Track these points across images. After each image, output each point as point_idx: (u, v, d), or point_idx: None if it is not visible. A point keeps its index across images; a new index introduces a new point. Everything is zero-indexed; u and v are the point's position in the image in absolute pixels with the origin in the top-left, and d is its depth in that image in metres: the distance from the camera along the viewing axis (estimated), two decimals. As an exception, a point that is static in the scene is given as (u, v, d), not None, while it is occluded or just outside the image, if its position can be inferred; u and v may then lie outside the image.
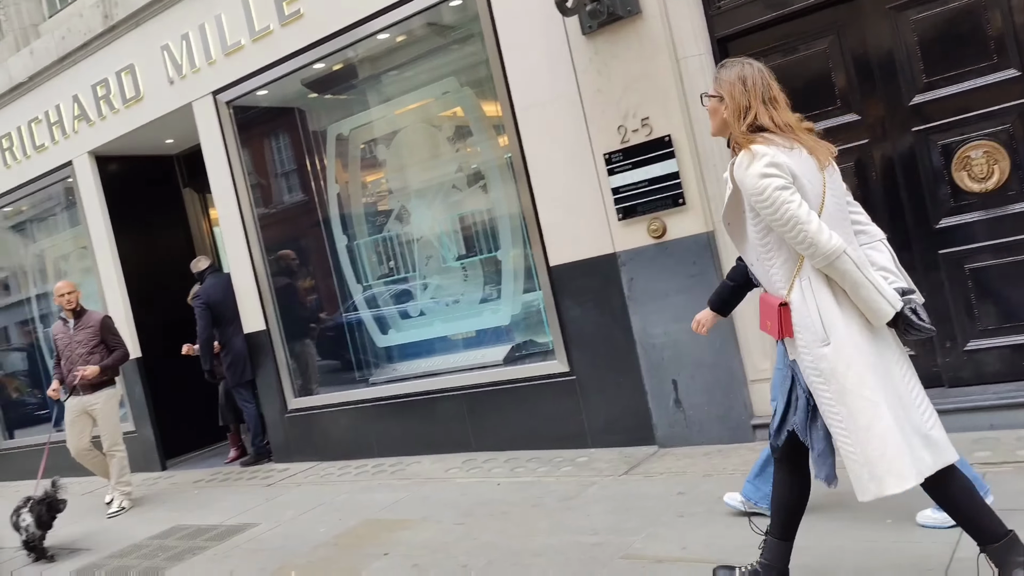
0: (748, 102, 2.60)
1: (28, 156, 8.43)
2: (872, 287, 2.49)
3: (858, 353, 2.51)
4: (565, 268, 5.34)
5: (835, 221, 2.56)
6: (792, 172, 2.51)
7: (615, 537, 3.80)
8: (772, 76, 2.66)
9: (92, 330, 6.46)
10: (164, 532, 5.61)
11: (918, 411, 2.55)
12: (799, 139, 2.59)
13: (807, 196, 2.52)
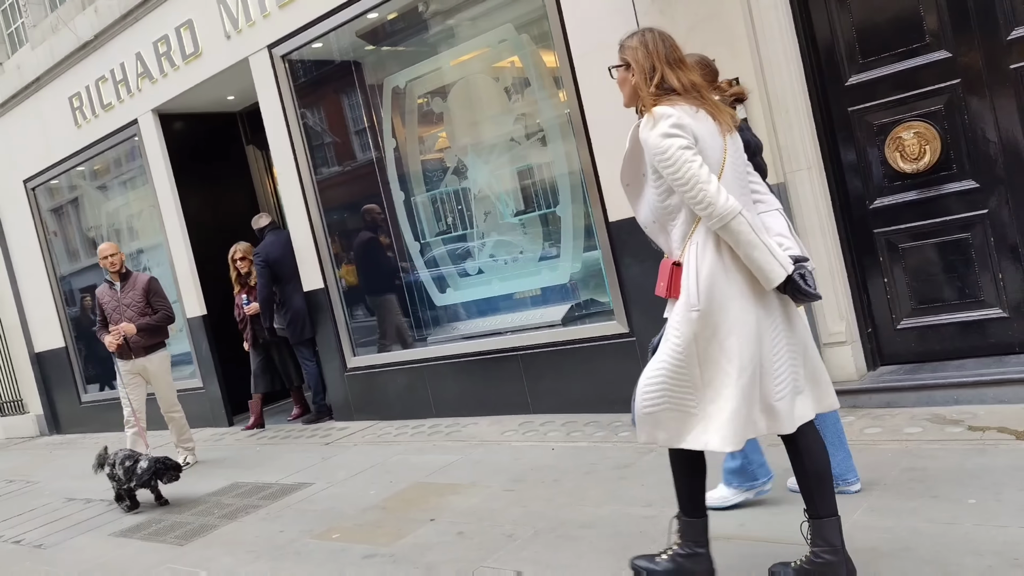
0: (652, 64, 2.62)
1: (96, 115, 8.52)
2: (766, 249, 2.51)
3: (728, 322, 2.55)
4: (624, 224, 5.05)
5: (733, 186, 2.58)
6: (695, 134, 2.53)
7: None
8: (672, 41, 2.67)
9: (140, 292, 6.35)
10: (222, 489, 5.63)
11: (774, 381, 2.59)
12: (704, 103, 2.61)
13: (708, 159, 2.53)
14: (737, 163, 2.65)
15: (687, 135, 2.51)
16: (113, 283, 6.41)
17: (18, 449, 10.26)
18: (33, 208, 9.96)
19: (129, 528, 5.14)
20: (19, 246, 10.30)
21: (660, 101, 2.57)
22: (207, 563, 4.18)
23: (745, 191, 2.66)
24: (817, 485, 2.65)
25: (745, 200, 2.61)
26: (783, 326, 2.64)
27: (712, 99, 2.67)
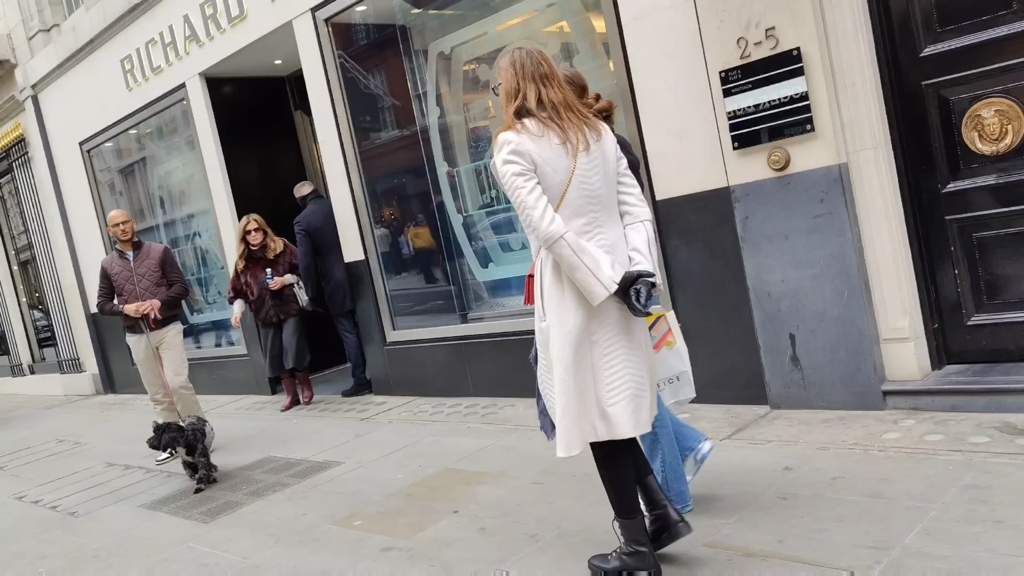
0: (517, 83, 2.76)
1: (147, 78, 8.48)
2: (586, 270, 2.64)
3: (563, 332, 2.73)
4: (672, 203, 4.75)
5: (580, 206, 2.72)
6: (535, 159, 2.67)
7: (703, 517, 3.31)
8: (544, 54, 2.80)
9: (155, 263, 6.05)
10: (254, 463, 5.58)
11: (606, 388, 2.77)
12: (560, 123, 2.72)
13: (549, 181, 2.68)
14: (589, 180, 2.74)
15: (524, 161, 2.67)
16: (124, 253, 6.08)
17: (74, 407, 10.49)
18: (88, 170, 10.04)
19: (159, 500, 5.12)
20: (75, 207, 10.43)
21: (514, 125, 2.73)
22: (227, 544, 4.09)
23: (598, 207, 2.77)
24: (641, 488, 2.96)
25: (598, 215, 2.76)
26: (620, 337, 2.79)
27: (571, 116, 2.76)
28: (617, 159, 2.85)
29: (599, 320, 2.75)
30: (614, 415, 2.77)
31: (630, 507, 2.91)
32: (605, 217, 2.78)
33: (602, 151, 2.79)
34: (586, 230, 2.73)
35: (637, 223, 2.85)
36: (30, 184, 11.31)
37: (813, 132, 4.09)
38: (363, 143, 6.77)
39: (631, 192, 2.88)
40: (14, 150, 11.42)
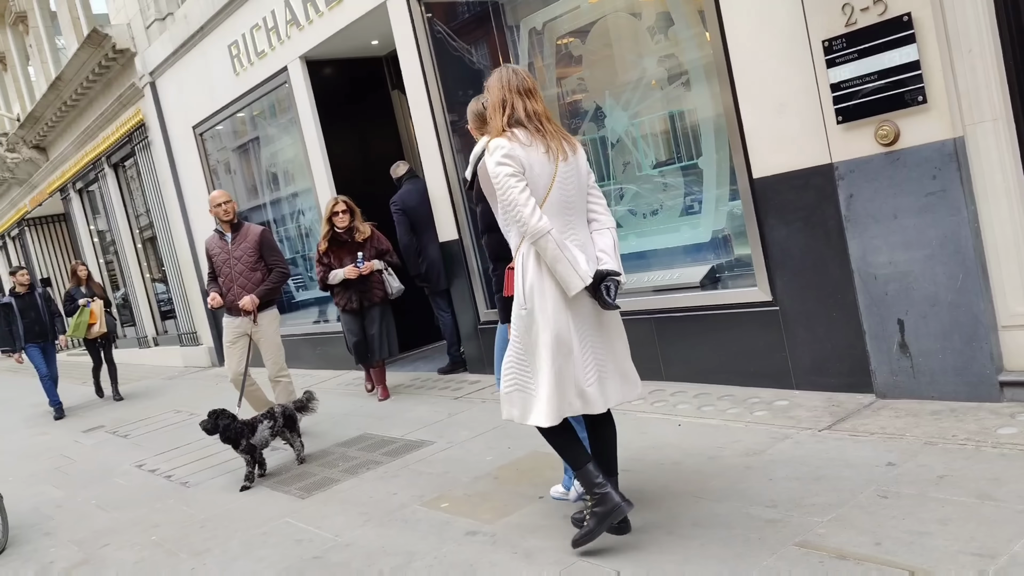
0: (504, 96, 3.10)
1: (252, 63, 8.72)
2: (568, 264, 2.99)
3: (545, 320, 3.07)
4: (769, 181, 4.53)
5: (557, 208, 3.07)
6: (523, 164, 3.01)
7: (795, 514, 3.17)
8: (527, 72, 3.18)
9: (252, 245, 5.86)
10: (351, 440, 5.71)
11: (583, 371, 3.13)
12: (543, 133, 3.07)
13: (534, 185, 3.02)
14: (567, 186, 3.09)
15: (515, 164, 3.00)
16: (224, 234, 5.95)
17: (192, 378, 11.03)
18: (201, 152, 10.46)
19: (277, 470, 5.30)
20: (190, 188, 10.90)
21: (505, 133, 3.06)
22: (320, 520, 4.20)
23: (572, 213, 3.12)
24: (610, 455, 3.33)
25: (570, 220, 3.10)
26: (592, 327, 3.17)
27: (551, 128, 3.12)
28: (587, 173, 3.22)
29: (575, 311, 3.11)
30: (590, 394, 3.16)
31: (580, 457, 3.25)
32: (577, 221, 3.16)
33: (576, 163, 3.16)
34: (561, 230, 3.06)
35: (604, 229, 3.22)
36: (150, 167, 11.88)
37: (925, 104, 3.80)
38: (456, 121, 6.76)
39: (599, 202, 3.26)
40: (135, 135, 12.01)
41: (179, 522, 4.71)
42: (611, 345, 3.24)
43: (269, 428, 5.21)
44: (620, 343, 3.32)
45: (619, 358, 3.30)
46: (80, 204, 15.91)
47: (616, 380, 3.26)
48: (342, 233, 6.65)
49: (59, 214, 18.29)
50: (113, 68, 11.80)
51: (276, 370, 6.05)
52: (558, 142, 3.09)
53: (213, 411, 5.16)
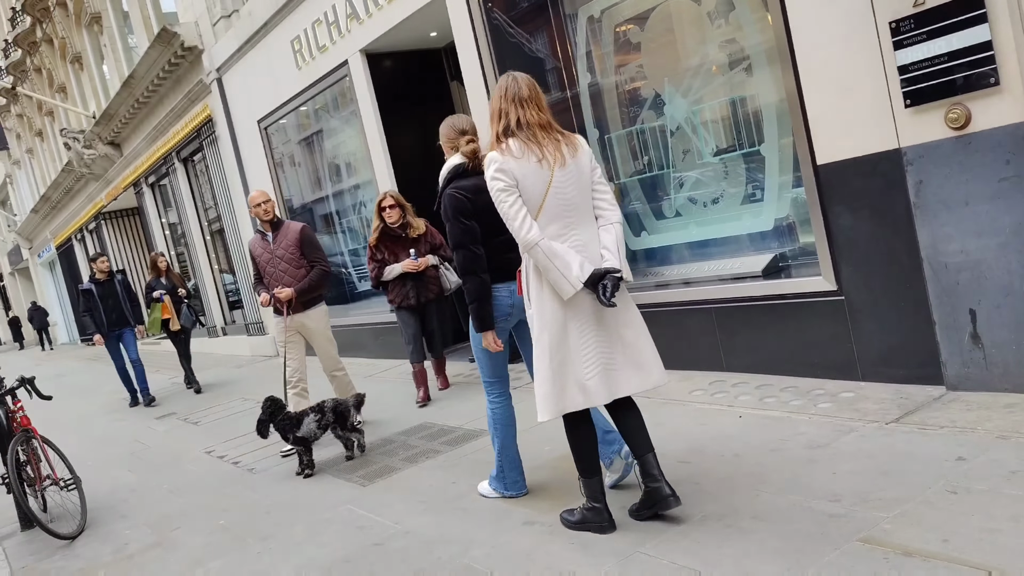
0: (500, 106, 3.25)
1: (314, 57, 8.86)
2: (556, 271, 3.16)
3: (543, 321, 3.27)
4: (834, 167, 4.42)
5: (555, 213, 3.21)
6: (515, 176, 3.18)
7: (860, 509, 3.10)
8: (531, 81, 3.30)
9: (292, 243, 5.81)
10: (411, 429, 5.78)
11: (582, 366, 3.27)
12: (536, 142, 3.21)
13: (529, 192, 3.18)
14: (565, 192, 3.22)
15: (507, 178, 3.17)
16: (265, 233, 5.90)
17: (257, 368, 11.31)
18: (265, 145, 10.68)
19: (326, 461, 5.41)
20: (255, 180, 11.13)
21: (498, 145, 3.23)
22: (381, 508, 4.27)
23: (573, 213, 3.24)
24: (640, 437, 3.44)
25: (573, 219, 3.23)
26: (593, 323, 3.28)
27: (547, 136, 3.24)
28: (592, 170, 3.31)
29: (574, 310, 3.26)
30: (591, 388, 3.28)
31: (590, 468, 3.41)
32: (579, 220, 3.26)
33: (577, 165, 3.26)
34: (561, 232, 3.21)
35: (608, 225, 3.31)
36: (217, 160, 12.18)
37: (998, 86, 3.65)
38: (515, 112, 6.75)
39: (604, 198, 3.34)
40: (203, 130, 12.33)
41: (246, 507, 4.84)
42: (618, 338, 3.33)
43: (316, 421, 5.24)
44: (631, 333, 3.36)
45: (631, 346, 3.35)
46: (152, 198, 16.42)
47: (627, 371, 3.33)
48: (395, 228, 6.50)
49: (133, 208, 18.90)
50: (182, 65, 12.12)
51: (331, 366, 6.07)
52: (553, 149, 3.22)
53: (266, 401, 5.34)
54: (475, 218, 3.58)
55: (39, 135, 25.22)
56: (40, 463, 5.38)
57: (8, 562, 4.76)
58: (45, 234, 27.36)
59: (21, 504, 5.08)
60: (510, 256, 3.59)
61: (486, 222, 3.54)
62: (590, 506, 3.38)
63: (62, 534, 4.89)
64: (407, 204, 6.64)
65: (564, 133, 3.32)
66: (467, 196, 3.60)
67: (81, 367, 18.12)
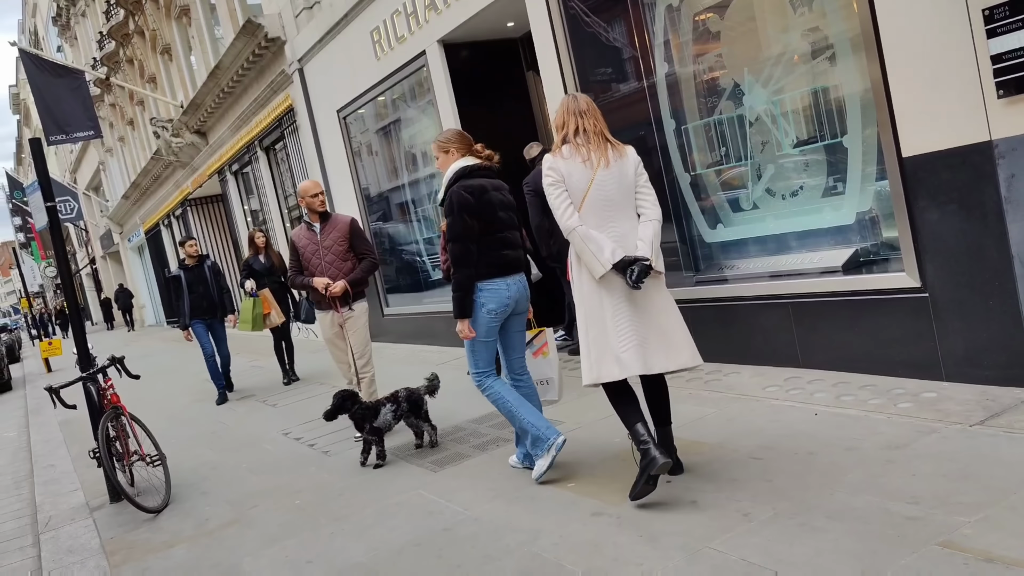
0: (564, 119, 3.82)
1: (392, 48, 8.98)
2: (591, 254, 3.65)
3: (581, 299, 3.78)
4: (921, 160, 4.27)
5: (596, 206, 3.69)
6: (562, 173, 3.72)
7: (939, 513, 3.01)
8: (588, 99, 3.87)
9: (342, 235, 5.80)
10: (482, 417, 5.84)
11: (617, 338, 3.68)
12: (587, 147, 3.72)
13: (573, 189, 3.71)
14: (606, 189, 3.70)
15: (555, 174, 3.73)
16: (312, 224, 5.89)
17: (335, 352, 11.53)
18: (344, 135, 10.88)
19: (398, 446, 5.50)
20: (334, 170, 11.37)
21: (555, 150, 3.79)
22: (451, 494, 4.33)
23: (614, 209, 3.71)
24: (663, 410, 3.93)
25: (613, 214, 3.70)
26: (628, 303, 3.71)
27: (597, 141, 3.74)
28: (637, 174, 3.79)
29: (608, 290, 3.71)
30: (626, 359, 3.68)
31: (631, 420, 3.75)
32: (618, 215, 3.72)
33: (621, 168, 3.74)
34: (601, 223, 3.69)
35: (647, 221, 3.75)
36: (298, 149, 12.47)
37: (1101, 74, 3.47)
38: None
39: (646, 198, 3.79)
40: (285, 119, 12.63)
41: (320, 488, 4.97)
42: (652, 318, 3.75)
43: (392, 411, 5.26)
44: (664, 317, 3.79)
45: (664, 330, 3.76)
46: (235, 185, 16.91)
47: (660, 349, 3.73)
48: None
49: (217, 195, 19.50)
50: (265, 56, 12.44)
51: (362, 364, 5.99)
52: (601, 152, 3.72)
53: (339, 393, 5.31)
54: (477, 216, 4.08)
55: (130, 124, 26.23)
56: (128, 439, 5.63)
57: (98, 532, 5.00)
58: (135, 219, 28.47)
59: (110, 477, 5.33)
60: (505, 253, 4.20)
61: (486, 220, 4.13)
62: (643, 449, 3.64)
63: (148, 508, 5.11)
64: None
65: (615, 142, 3.80)
66: (471, 194, 4.10)
67: (166, 348, 18.83)
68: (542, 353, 4.66)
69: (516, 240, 4.31)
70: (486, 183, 4.20)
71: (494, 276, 4.18)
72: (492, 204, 4.16)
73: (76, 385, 5.59)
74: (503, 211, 4.25)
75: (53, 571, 4.44)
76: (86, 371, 5.66)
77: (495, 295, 4.19)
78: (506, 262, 4.21)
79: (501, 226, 4.19)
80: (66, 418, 8.95)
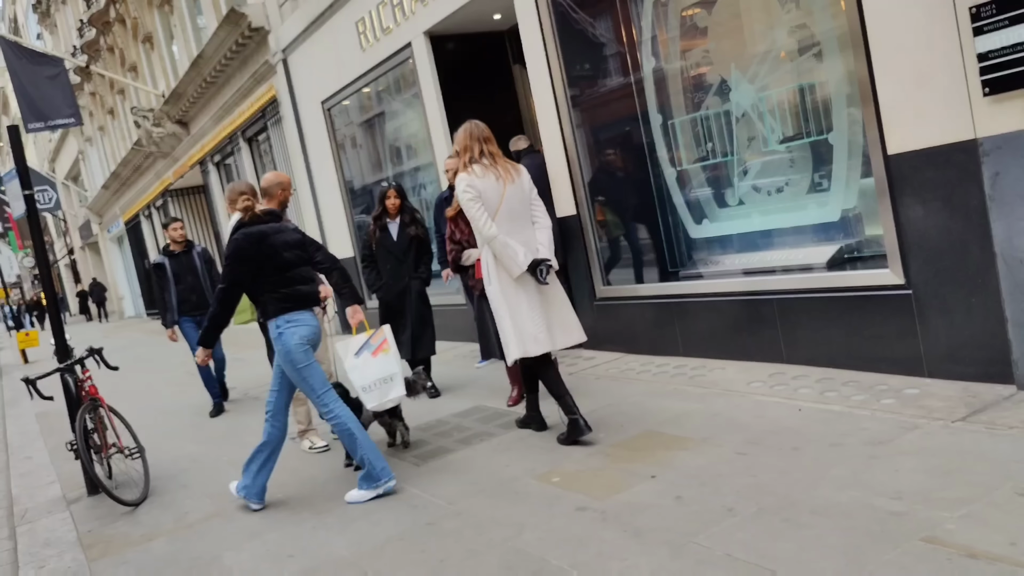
0: (468, 143, 4.56)
1: (378, 39, 8.91)
2: (510, 258, 4.45)
3: (501, 289, 4.55)
4: (906, 158, 4.29)
5: (508, 219, 4.47)
6: (479, 189, 4.44)
7: (922, 508, 3.02)
8: (485, 126, 4.62)
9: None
10: (465, 411, 5.82)
11: (532, 325, 4.52)
12: (495, 167, 4.50)
13: (488, 204, 4.45)
14: (512, 202, 4.49)
15: (473, 191, 4.43)
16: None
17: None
18: (328, 127, 10.80)
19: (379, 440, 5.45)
20: (317, 162, 11.29)
21: (467, 169, 4.50)
22: (434, 488, 4.31)
23: (519, 220, 4.52)
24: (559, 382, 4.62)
25: (516, 225, 4.49)
26: (535, 295, 4.55)
27: (502, 162, 4.55)
28: (529, 190, 4.59)
29: (523, 286, 4.53)
30: (542, 339, 4.53)
31: (532, 389, 4.96)
32: (522, 224, 4.53)
33: (520, 183, 4.55)
34: (510, 231, 4.45)
35: (542, 228, 4.58)
36: (281, 141, 12.37)
37: (1086, 73, 3.49)
38: (576, 95, 6.72)
39: (539, 209, 4.61)
40: (268, 110, 12.53)
41: (303, 482, 4.93)
42: (553, 307, 4.61)
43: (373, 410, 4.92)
44: (559, 303, 4.65)
45: (561, 315, 4.63)
46: (217, 176, 16.77)
47: (559, 329, 4.62)
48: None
49: (198, 186, 19.35)
50: (249, 46, 12.32)
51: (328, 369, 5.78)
52: (505, 171, 4.49)
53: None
54: (259, 261, 4.37)
55: (110, 113, 25.95)
56: (106, 431, 5.56)
57: (75, 525, 4.93)
58: (115, 210, 28.20)
59: (88, 470, 5.26)
60: (301, 288, 4.46)
61: (277, 263, 4.40)
62: (532, 414, 4.88)
63: (126, 500, 5.05)
64: None
65: (510, 162, 4.58)
66: (250, 242, 4.39)
67: (146, 339, 18.65)
68: (382, 351, 4.77)
69: (309, 275, 4.56)
70: (267, 228, 4.46)
71: (294, 310, 4.41)
72: (275, 247, 4.41)
73: (54, 376, 5.53)
74: (288, 251, 4.45)
75: (29, 564, 4.37)
76: (63, 362, 5.59)
77: (302, 325, 4.41)
78: (302, 295, 4.46)
79: (291, 266, 4.43)
80: (43, 410, 8.84)
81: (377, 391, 4.74)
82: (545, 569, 3.14)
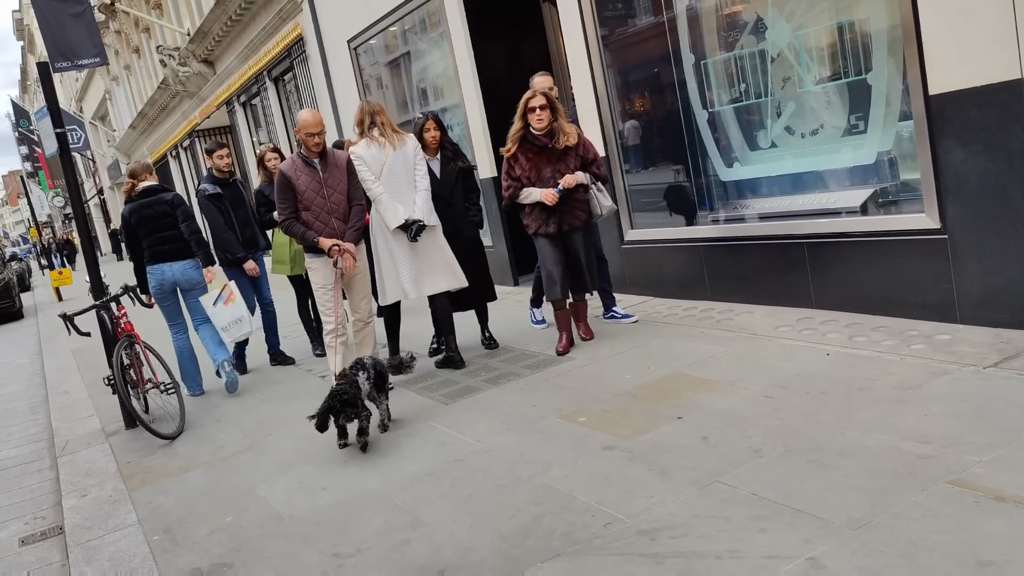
0: (362, 117, 5.39)
1: (406, -25, 8.75)
2: (391, 214, 5.28)
3: (384, 246, 5.42)
4: (948, 98, 4.18)
5: (388, 180, 5.30)
6: (363, 157, 5.30)
7: (951, 452, 3.03)
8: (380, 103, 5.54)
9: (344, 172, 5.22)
10: (493, 352, 5.85)
11: (405, 273, 5.38)
12: (384, 136, 5.32)
13: (373, 168, 5.29)
14: (395, 166, 5.29)
15: (360, 160, 5.28)
16: (310, 161, 5.13)
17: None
18: (355, 66, 10.70)
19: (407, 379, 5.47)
20: (344, 102, 11.21)
21: (359, 140, 5.39)
22: (462, 427, 4.38)
23: (400, 184, 5.30)
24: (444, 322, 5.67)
25: (398, 188, 5.29)
26: (407, 249, 5.35)
27: (389, 132, 5.34)
28: (414, 157, 5.34)
29: (397, 241, 5.34)
30: (408, 289, 5.40)
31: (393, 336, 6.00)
32: (404, 187, 5.29)
33: (404, 151, 5.31)
34: (392, 193, 5.26)
35: (421, 191, 5.31)
36: (307, 80, 12.29)
37: None
38: (607, 34, 6.58)
39: (420, 174, 5.35)
40: (294, 49, 12.42)
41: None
42: (425, 259, 5.40)
43: (368, 381, 4.50)
44: (436, 258, 5.43)
45: (435, 267, 5.42)
46: (244, 116, 16.74)
47: (430, 278, 5.44)
48: (541, 136, 5.33)
49: (225, 126, 19.33)
50: (274, -17, 12.17)
51: (368, 312, 5.48)
52: (390, 140, 5.27)
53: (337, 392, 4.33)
54: (137, 228, 5.98)
55: (136, 52, 25.87)
56: (142, 367, 5.68)
57: (115, 456, 5.08)
58: (142, 150, 28.30)
59: (125, 404, 5.39)
60: (165, 248, 6.01)
61: (147, 229, 5.99)
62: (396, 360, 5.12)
63: (163, 434, 5.18)
64: (560, 106, 5.44)
65: (400, 132, 5.36)
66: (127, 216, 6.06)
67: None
68: (231, 301, 6.19)
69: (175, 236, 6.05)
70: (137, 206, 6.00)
71: (160, 262, 6.03)
72: (147, 220, 5.98)
73: (89, 313, 5.63)
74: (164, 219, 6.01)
75: (72, 492, 4.52)
76: (99, 299, 5.69)
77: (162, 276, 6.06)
78: (166, 250, 6.03)
79: (156, 231, 6.01)
80: (79, 346, 9.03)
81: (232, 330, 6.20)
82: (573, 504, 3.19)
